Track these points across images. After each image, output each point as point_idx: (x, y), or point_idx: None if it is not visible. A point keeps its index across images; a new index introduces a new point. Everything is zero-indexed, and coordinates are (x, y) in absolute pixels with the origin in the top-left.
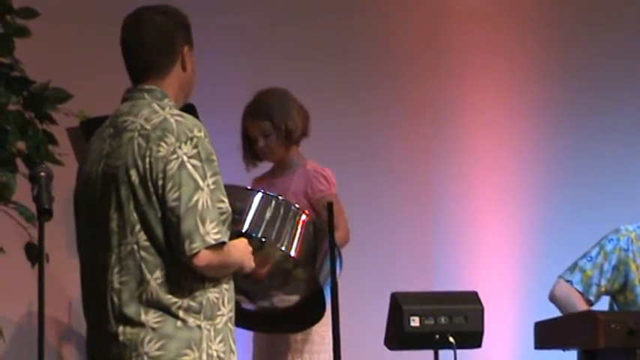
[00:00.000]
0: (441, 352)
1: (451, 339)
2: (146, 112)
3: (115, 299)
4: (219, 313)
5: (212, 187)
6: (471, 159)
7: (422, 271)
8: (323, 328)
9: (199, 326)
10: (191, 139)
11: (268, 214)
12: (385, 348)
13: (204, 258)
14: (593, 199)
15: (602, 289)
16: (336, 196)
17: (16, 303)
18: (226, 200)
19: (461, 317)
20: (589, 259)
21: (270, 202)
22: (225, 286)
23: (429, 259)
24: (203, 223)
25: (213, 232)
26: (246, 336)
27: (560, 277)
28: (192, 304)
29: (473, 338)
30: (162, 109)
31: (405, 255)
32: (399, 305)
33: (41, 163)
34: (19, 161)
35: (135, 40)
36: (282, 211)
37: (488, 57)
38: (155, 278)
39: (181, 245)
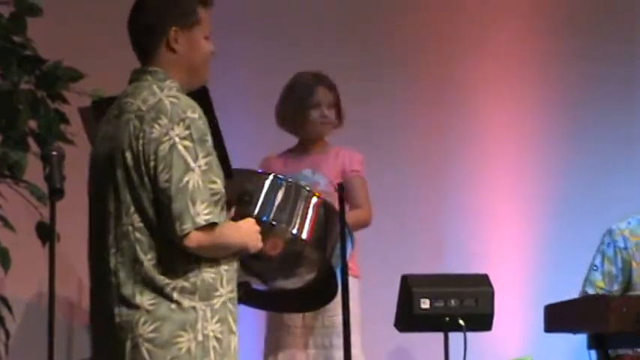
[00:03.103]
0: (451, 335)
1: (461, 322)
2: (145, 94)
3: (113, 280)
4: (216, 294)
5: (204, 167)
6: (483, 146)
7: (433, 254)
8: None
9: (194, 307)
10: (183, 120)
11: (279, 197)
12: (395, 330)
13: (195, 239)
14: (600, 185)
15: (617, 294)
16: (364, 179)
17: (26, 282)
18: (219, 181)
19: (471, 300)
20: (595, 268)
21: (281, 185)
22: (224, 267)
23: (440, 242)
24: (194, 204)
25: (203, 212)
26: (257, 320)
27: (580, 293)
28: (186, 285)
29: (483, 321)
30: (161, 90)
31: (417, 238)
32: (409, 287)
33: (53, 142)
34: (30, 140)
35: (132, 22)
36: (293, 193)
37: (503, 48)
38: (149, 259)
39: (172, 226)
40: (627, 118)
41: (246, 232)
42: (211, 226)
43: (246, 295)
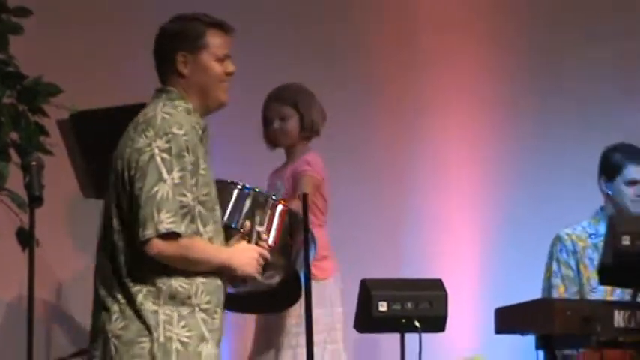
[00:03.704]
0: (407, 336)
1: (417, 323)
2: (149, 108)
3: (98, 278)
4: (187, 301)
5: (177, 181)
6: (438, 157)
7: (391, 259)
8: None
9: (156, 311)
10: (167, 134)
11: (247, 205)
12: (354, 331)
13: (155, 246)
14: (550, 193)
15: (576, 297)
16: (311, 176)
17: (7, 284)
18: (189, 196)
19: (426, 303)
20: (555, 274)
21: (249, 194)
22: (201, 279)
23: (398, 248)
24: (158, 212)
25: (167, 221)
26: (244, 323)
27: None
28: (152, 289)
29: (437, 323)
30: (165, 106)
31: (376, 243)
32: (369, 291)
33: (33, 153)
34: (12, 151)
35: (153, 50)
36: (259, 201)
37: (458, 61)
38: (122, 262)
39: (137, 232)
40: (576, 132)
41: (230, 253)
42: (175, 236)
43: None
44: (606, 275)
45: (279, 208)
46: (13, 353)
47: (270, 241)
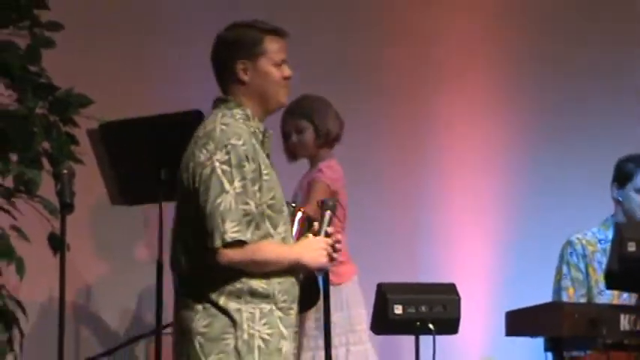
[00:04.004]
0: (422, 338)
1: (431, 326)
2: (209, 121)
3: (180, 279)
4: (266, 300)
5: (239, 190)
6: (451, 165)
7: (406, 264)
8: (333, 315)
9: (239, 309)
10: (226, 146)
11: None
12: (370, 332)
13: (224, 255)
14: (558, 200)
15: (585, 299)
16: (322, 182)
17: (39, 287)
18: (252, 203)
19: (440, 306)
20: (565, 276)
21: None
22: (277, 279)
23: (414, 254)
24: (223, 223)
25: (232, 230)
26: None
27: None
28: (233, 289)
29: (450, 325)
30: (223, 117)
31: (392, 250)
32: (385, 294)
33: (64, 161)
34: (44, 160)
35: (211, 59)
36: None
37: (467, 76)
38: (198, 266)
39: (206, 243)
40: (583, 144)
41: (299, 250)
42: (241, 244)
43: None
44: (612, 280)
45: (299, 215)
46: (45, 353)
47: None
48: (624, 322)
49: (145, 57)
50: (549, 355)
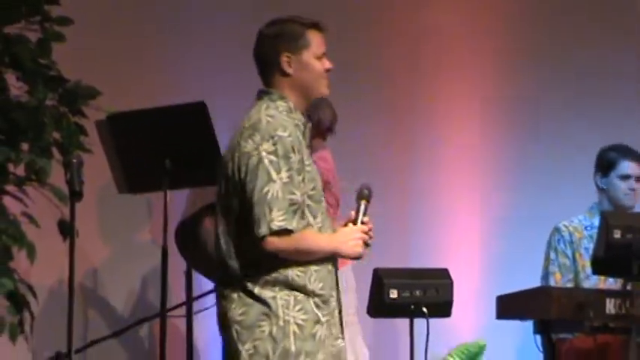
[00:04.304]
0: (416, 320)
1: (424, 309)
2: (253, 111)
3: (219, 269)
4: (303, 289)
5: (285, 180)
6: (443, 157)
7: (401, 250)
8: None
9: (274, 297)
10: (272, 137)
11: None
12: (367, 316)
13: (271, 243)
14: (547, 191)
15: (572, 284)
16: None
17: (49, 272)
18: (298, 193)
19: (433, 290)
20: (552, 262)
21: None
22: (314, 267)
23: (408, 241)
24: (270, 211)
25: (278, 219)
26: None
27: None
28: (268, 278)
29: (443, 309)
30: (267, 108)
31: (387, 237)
32: (381, 279)
33: (73, 151)
34: (54, 149)
35: (254, 54)
36: None
37: (462, 72)
38: (236, 255)
39: (252, 230)
40: (573, 135)
41: (338, 240)
42: (287, 232)
43: None
44: (599, 266)
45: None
46: (54, 334)
47: None
48: (610, 305)
49: (150, 50)
50: (538, 337)
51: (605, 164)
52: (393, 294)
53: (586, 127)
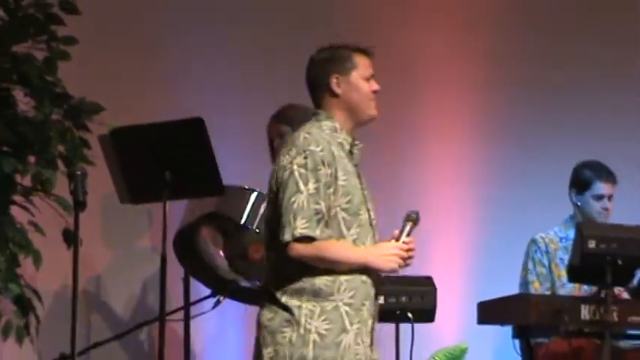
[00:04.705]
0: (401, 326)
1: (410, 315)
2: (298, 131)
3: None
4: (330, 297)
5: (312, 191)
6: (425, 167)
7: None
8: None
9: (299, 306)
10: (304, 151)
11: (262, 209)
12: None
13: (294, 249)
14: (523, 205)
15: (549, 292)
16: None
17: (54, 278)
18: (323, 204)
19: (418, 297)
20: (530, 272)
21: (264, 199)
22: (344, 277)
23: None
24: (295, 219)
25: (302, 226)
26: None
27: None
28: (295, 287)
29: (427, 314)
30: (310, 127)
31: None
32: None
33: (77, 163)
34: (59, 162)
35: (306, 77)
36: None
37: (447, 85)
38: (273, 265)
39: (279, 237)
40: (552, 145)
41: (372, 252)
42: (310, 240)
43: (233, 291)
44: (574, 274)
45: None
46: (59, 337)
47: None
48: (585, 311)
49: (151, 69)
50: (517, 341)
51: (580, 183)
52: (380, 300)
53: (564, 142)
